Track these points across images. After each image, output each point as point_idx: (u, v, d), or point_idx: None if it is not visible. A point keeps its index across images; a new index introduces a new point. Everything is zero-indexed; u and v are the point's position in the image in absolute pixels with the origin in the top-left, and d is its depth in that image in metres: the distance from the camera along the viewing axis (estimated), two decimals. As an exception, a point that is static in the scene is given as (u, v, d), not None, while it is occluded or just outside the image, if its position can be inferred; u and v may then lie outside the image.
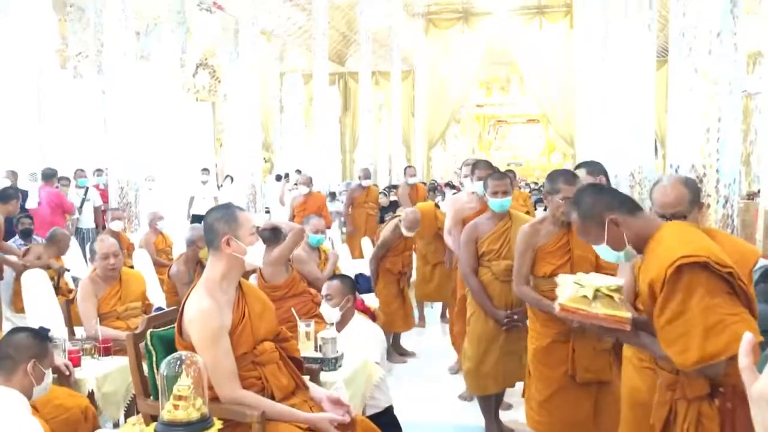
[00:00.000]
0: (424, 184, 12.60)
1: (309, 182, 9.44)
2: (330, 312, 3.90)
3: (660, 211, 2.61)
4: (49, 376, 2.81)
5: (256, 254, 2.72)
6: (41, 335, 2.85)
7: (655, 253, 2.17)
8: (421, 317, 7.33)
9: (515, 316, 4.06)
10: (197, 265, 5.23)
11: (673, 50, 4.34)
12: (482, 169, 4.81)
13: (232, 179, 14.19)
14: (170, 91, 15.82)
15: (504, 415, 4.51)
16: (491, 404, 4.33)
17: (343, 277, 4.18)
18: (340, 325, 3.93)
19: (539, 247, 3.49)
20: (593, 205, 2.31)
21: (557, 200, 3.40)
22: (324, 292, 3.96)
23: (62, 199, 8.88)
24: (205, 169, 12.25)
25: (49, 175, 8.99)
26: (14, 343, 2.76)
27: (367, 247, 7.60)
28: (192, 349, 2.56)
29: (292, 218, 8.92)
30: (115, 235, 7.13)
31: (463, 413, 4.75)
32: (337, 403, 2.79)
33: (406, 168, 10.52)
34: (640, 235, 2.24)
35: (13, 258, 5.77)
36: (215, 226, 2.70)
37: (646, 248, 2.23)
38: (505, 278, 4.08)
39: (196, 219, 11.69)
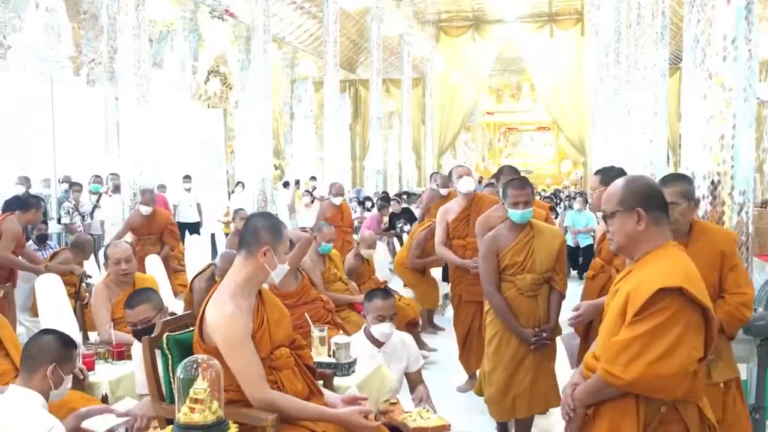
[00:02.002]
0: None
1: (342, 191, 8.93)
2: (388, 330, 3.71)
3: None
4: (69, 381, 2.79)
5: (282, 272, 2.74)
6: (67, 340, 2.81)
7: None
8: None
9: (544, 334, 3.83)
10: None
11: (687, 57, 4.31)
12: (506, 174, 4.62)
13: (243, 186, 14.23)
14: (182, 98, 15.91)
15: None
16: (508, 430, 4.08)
17: (389, 293, 4.03)
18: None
19: None
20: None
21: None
22: (378, 313, 3.71)
23: (166, 203, 10.73)
24: (186, 176, 12.25)
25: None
26: (39, 344, 2.75)
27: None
28: (213, 353, 2.55)
29: None
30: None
31: (476, 420, 4.72)
32: (352, 401, 2.79)
33: (432, 174, 10.26)
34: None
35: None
36: (260, 233, 2.69)
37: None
38: (532, 293, 3.87)
39: (182, 227, 11.70)
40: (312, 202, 13.06)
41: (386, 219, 10.45)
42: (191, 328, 2.79)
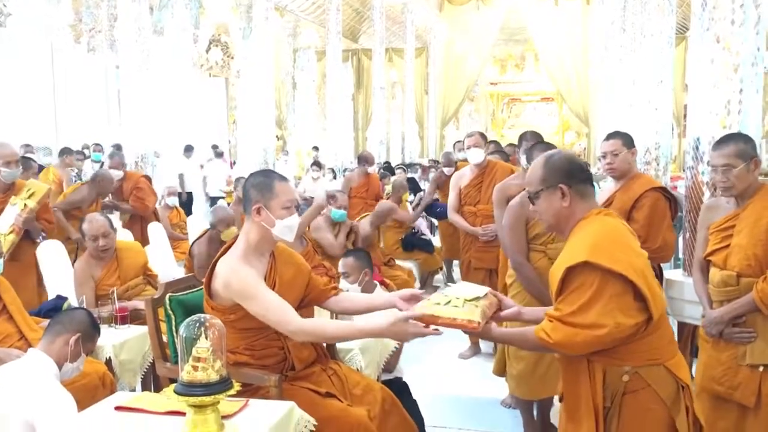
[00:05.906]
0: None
1: (372, 160, 8.69)
2: (349, 289, 3.71)
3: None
4: (81, 363, 2.78)
5: (285, 228, 2.61)
6: (96, 323, 2.88)
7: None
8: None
9: None
10: (220, 246, 5.17)
11: (694, 21, 4.27)
12: (530, 139, 4.43)
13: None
14: (183, 67, 15.81)
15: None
16: (532, 409, 3.85)
17: (357, 252, 4.08)
18: None
19: (712, 224, 3.07)
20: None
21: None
22: (340, 269, 3.89)
23: None
24: (188, 146, 12.26)
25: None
26: (71, 314, 2.83)
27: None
28: (222, 311, 2.56)
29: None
30: (170, 209, 7.88)
31: (479, 386, 4.75)
32: (411, 298, 2.58)
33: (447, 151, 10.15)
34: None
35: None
36: (249, 192, 2.63)
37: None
38: None
39: (188, 197, 11.77)
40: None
41: (389, 189, 10.41)
42: (193, 290, 2.80)
